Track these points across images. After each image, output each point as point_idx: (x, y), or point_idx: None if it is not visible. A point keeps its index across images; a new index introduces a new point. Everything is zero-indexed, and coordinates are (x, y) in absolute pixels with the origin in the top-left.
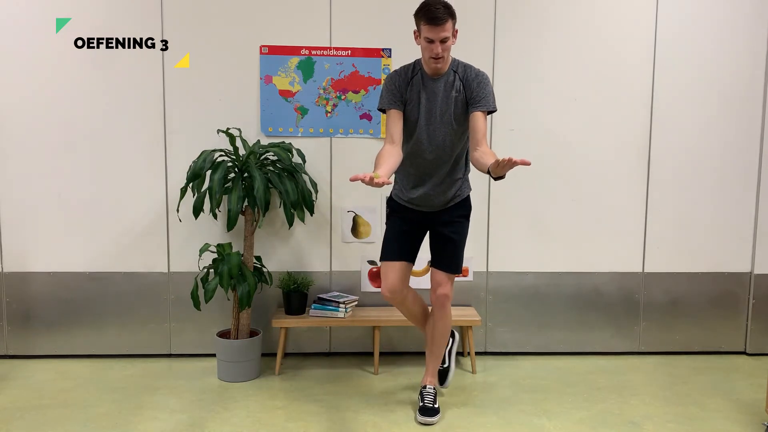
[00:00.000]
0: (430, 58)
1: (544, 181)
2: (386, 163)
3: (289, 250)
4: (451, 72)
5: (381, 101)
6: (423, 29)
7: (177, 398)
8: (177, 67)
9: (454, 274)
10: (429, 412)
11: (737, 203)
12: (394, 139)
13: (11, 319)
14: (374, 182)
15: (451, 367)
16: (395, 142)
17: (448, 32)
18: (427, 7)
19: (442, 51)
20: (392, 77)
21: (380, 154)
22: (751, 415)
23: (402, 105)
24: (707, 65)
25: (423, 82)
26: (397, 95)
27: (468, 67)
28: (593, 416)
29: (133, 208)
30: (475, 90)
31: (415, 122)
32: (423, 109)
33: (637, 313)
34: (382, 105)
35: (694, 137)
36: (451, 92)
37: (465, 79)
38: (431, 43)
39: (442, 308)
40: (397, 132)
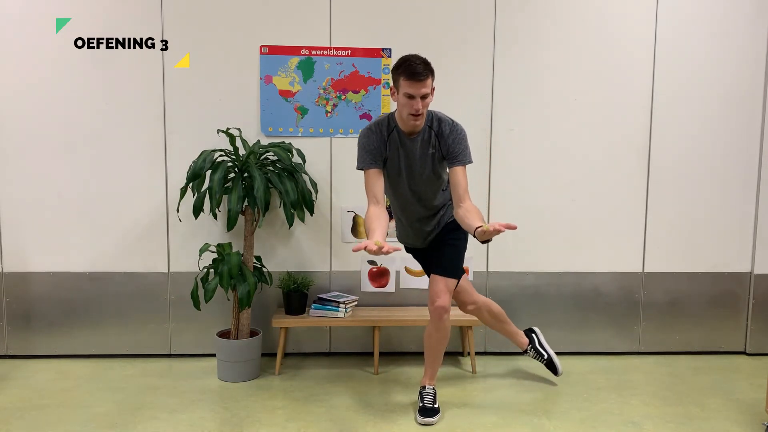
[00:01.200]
0: (410, 114)
1: (543, 181)
2: (380, 228)
3: (289, 250)
4: (427, 128)
5: (360, 161)
6: (403, 85)
7: (177, 398)
8: (177, 67)
9: (451, 278)
10: (429, 413)
11: (737, 203)
12: (378, 199)
13: (11, 319)
14: (382, 251)
15: (551, 355)
16: (380, 202)
17: (428, 88)
18: (407, 63)
19: (422, 108)
20: (368, 136)
21: (369, 218)
22: (751, 415)
23: (382, 163)
24: (707, 65)
25: (400, 140)
26: (376, 154)
27: (442, 121)
28: (593, 416)
29: (133, 208)
30: (451, 146)
31: (397, 179)
32: (404, 167)
33: (637, 313)
34: (363, 165)
35: (694, 137)
36: (428, 149)
37: (440, 135)
38: (411, 99)
39: (439, 320)
40: (379, 191)
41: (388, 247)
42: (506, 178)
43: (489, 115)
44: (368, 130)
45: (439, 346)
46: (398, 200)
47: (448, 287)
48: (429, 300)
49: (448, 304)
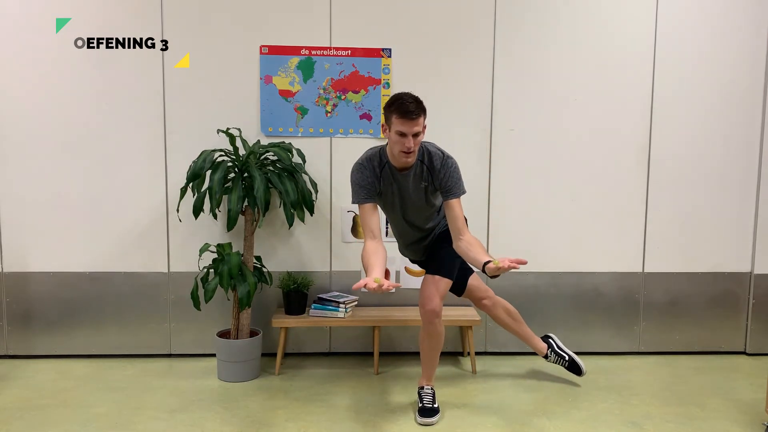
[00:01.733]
0: (401, 152)
1: (543, 181)
2: (378, 264)
3: (289, 250)
4: (418, 162)
5: (355, 196)
6: (395, 123)
7: (177, 398)
8: (177, 67)
9: (443, 278)
10: (428, 413)
11: (737, 203)
12: (375, 234)
13: (11, 319)
14: (382, 289)
15: (573, 356)
16: (376, 237)
17: (419, 126)
18: (400, 101)
19: (413, 146)
20: (361, 171)
21: (367, 253)
22: (751, 415)
23: (377, 197)
24: (707, 65)
25: (393, 175)
26: (371, 190)
27: (434, 155)
28: (593, 416)
29: (133, 208)
30: (443, 180)
31: (391, 210)
32: (397, 201)
33: (637, 313)
34: (359, 200)
35: (694, 137)
36: (420, 183)
37: (432, 169)
38: (403, 137)
39: (430, 324)
40: (376, 226)
41: (388, 285)
42: (506, 178)
43: (489, 115)
44: (360, 165)
45: (433, 350)
46: (395, 226)
47: (439, 290)
48: (420, 303)
49: (439, 308)
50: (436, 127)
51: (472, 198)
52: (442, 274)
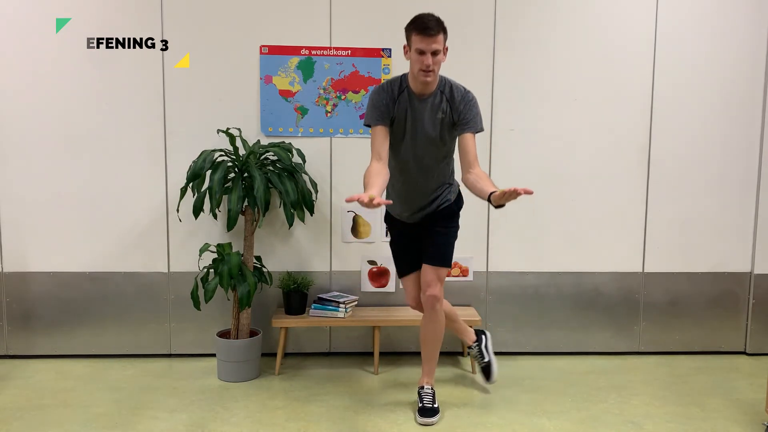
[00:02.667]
0: (420, 70)
1: (544, 181)
2: (377, 183)
3: (289, 250)
4: (438, 92)
5: (368, 117)
6: (414, 40)
7: (177, 398)
8: (177, 67)
9: (442, 267)
10: (428, 413)
11: (737, 203)
12: (381, 156)
13: (11, 319)
14: (373, 203)
15: (491, 361)
16: (382, 159)
17: (439, 45)
18: (419, 19)
19: (432, 64)
20: (379, 93)
21: (369, 172)
22: (751, 415)
23: (389, 121)
24: (707, 65)
25: (410, 101)
26: (384, 112)
27: (455, 87)
28: (593, 416)
29: (133, 208)
30: (463, 112)
31: (401, 141)
32: (409, 129)
33: (637, 313)
34: (369, 121)
35: (694, 137)
36: (437, 114)
37: (452, 100)
38: (422, 55)
39: (432, 310)
40: (384, 149)
41: (380, 200)
42: (506, 178)
43: (489, 115)
44: (380, 87)
45: (435, 340)
46: (398, 165)
47: (439, 276)
48: (421, 291)
49: (440, 294)
50: None
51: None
52: (440, 262)
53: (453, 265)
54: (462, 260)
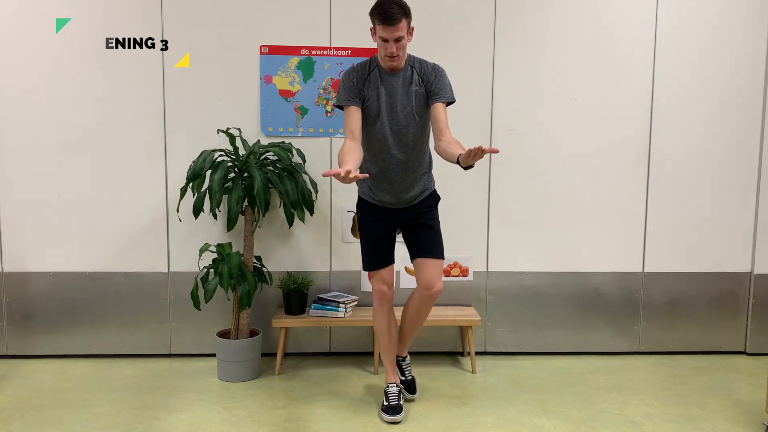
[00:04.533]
0: (385, 56)
1: (544, 181)
2: (352, 159)
3: (289, 250)
4: (408, 67)
5: (338, 98)
6: (378, 28)
7: (177, 398)
8: (177, 67)
9: (441, 259)
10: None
11: (737, 203)
12: (355, 135)
13: (11, 319)
14: (349, 177)
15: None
16: (356, 138)
17: (402, 31)
18: (381, 7)
19: (396, 50)
20: (349, 74)
21: (343, 150)
22: (751, 415)
23: (360, 101)
24: (707, 65)
25: (381, 78)
26: (354, 91)
27: (423, 62)
28: (593, 416)
29: (133, 208)
30: (434, 83)
31: (377, 118)
32: (384, 105)
33: (637, 313)
34: (340, 101)
35: (694, 137)
36: (410, 87)
37: (423, 73)
38: (386, 42)
39: (431, 302)
40: (357, 128)
41: (356, 174)
42: (506, 178)
43: (489, 115)
44: (350, 69)
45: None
46: (377, 144)
47: (441, 271)
48: (423, 285)
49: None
50: None
51: (472, 198)
52: (439, 254)
53: (453, 265)
54: (462, 260)
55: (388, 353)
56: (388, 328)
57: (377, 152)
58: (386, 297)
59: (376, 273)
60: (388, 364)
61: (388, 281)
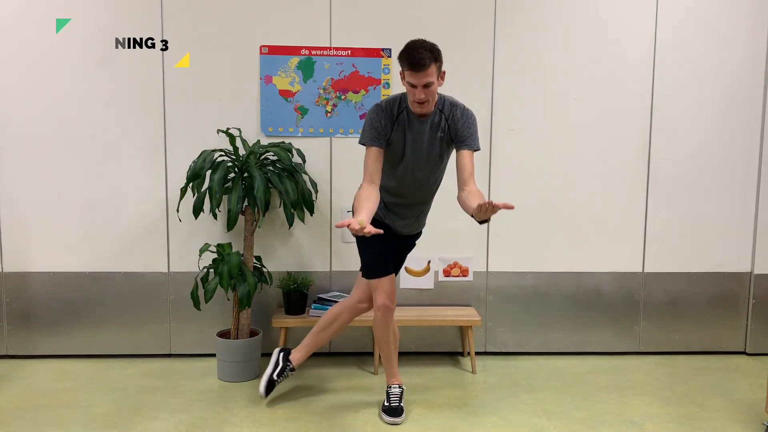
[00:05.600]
0: (414, 101)
1: (543, 181)
2: (366, 208)
3: (289, 250)
4: (437, 111)
5: (363, 136)
6: (406, 73)
7: (177, 398)
8: (177, 66)
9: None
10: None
11: (737, 203)
12: (374, 179)
13: (11, 319)
14: (363, 231)
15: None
16: (374, 182)
17: (431, 77)
18: (409, 51)
19: (425, 96)
20: (377, 113)
21: (360, 196)
22: (751, 415)
23: (385, 143)
24: (707, 65)
25: (409, 121)
26: (381, 133)
27: (454, 105)
28: (593, 416)
29: (133, 208)
30: (461, 130)
31: (400, 159)
32: (409, 149)
33: (637, 313)
34: (365, 141)
35: (694, 137)
36: (436, 133)
37: (451, 119)
38: (414, 88)
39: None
40: (377, 171)
41: (370, 229)
42: (506, 178)
43: (489, 115)
44: (378, 107)
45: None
46: (396, 182)
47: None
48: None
49: None
50: None
51: None
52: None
53: (453, 265)
54: (462, 260)
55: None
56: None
57: (396, 188)
58: (390, 311)
59: (379, 285)
60: (391, 367)
61: (391, 294)
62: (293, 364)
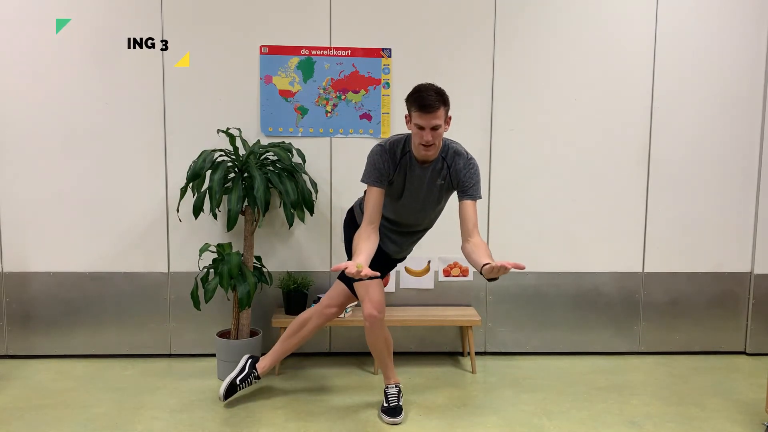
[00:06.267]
0: (420, 144)
1: (544, 181)
2: (365, 249)
3: (289, 250)
4: (440, 158)
5: (367, 176)
6: (414, 115)
7: (177, 398)
8: (177, 66)
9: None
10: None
11: (737, 203)
12: (373, 220)
13: (11, 319)
14: (360, 275)
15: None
16: (374, 223)
17: (440, 120)
18: (418, 93)
19: (432, 138)
20: (381, 155)
21: (359, 236)
22: (751, 415)
23: (386, 184)
24: (707, 65)
25: (410, 166)
26: (384, 175)
27: (458, 154)
28: (593, 416)
29: (133, 208)
30: (463, 180)
31: (398, 199)
32: (407, 192)
33: (637, 313)
34: (368, 180)
35: (694, 137)
36: (437, 180)
37: (453, 168)
38: (422, 130)
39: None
40: (377, 213)
41: (367, 272)
42: (506, 178)
43: (489, 115)
44: (381, 148)
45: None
46: (395, 214)
47: None
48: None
49: None
50: None
51: None
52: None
53: (453, 265)
54: (462, 260)
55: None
56: (383, 343)
57: (394, 219)
58: (377, 321)
59: (366, 293)
60: (386, 369)
61: (378, 304)
62: (258, 372)
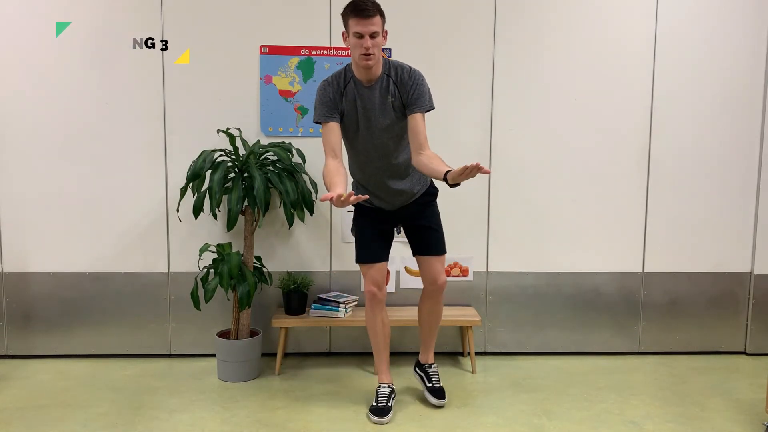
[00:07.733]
0: (361, 55)
1: (544, 181)
2: (339, 181)
3: (289, 250)
4: (384, 76)
5: (316, 114)
6: (351, 24)
7: (177, 398)
8: (177, 63)
9: (444, 254)
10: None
11: (737, 203)
12: (336, 153)
13: (11, 319)
14: (347, 201)
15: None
16: (337, 156)
17: (377, 26)
18: (354, 3)
19: (372, 47)
20: (324, 88)
21: (327, 171)
22: (751, 415)
23: (338, 116)
24: (707, 65)
25: (357, 90)
26: (332, 107)
27: (401, 67)
28: (593, 416)
29: (133, 208)
30: (411, 91)
31: (356, 132)
32: (362, 120)
33: (637, 313)
34: (318, 118)
35: (694, 137)
36: (387, 98)
37: (399, 82)
38: (360, 38)
39: (440, 295)
40: (337, 144)
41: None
42: (506, 178)
43: (489, 115)
44: (325, 82)
45: (438, 321)
46: (359, 158)
47: (443, 262)
48: (429, 281)
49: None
50: (435, 127)
51: (472, 198)
52: (442, 251)
53: (453, 265)
54: (462, 260)
55: (380, 352)
56: (380, 327)
57: (362, 164)
58: (377, 298)
59: (368, 271)
60: (380, 363)
61: (379, 282)
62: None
